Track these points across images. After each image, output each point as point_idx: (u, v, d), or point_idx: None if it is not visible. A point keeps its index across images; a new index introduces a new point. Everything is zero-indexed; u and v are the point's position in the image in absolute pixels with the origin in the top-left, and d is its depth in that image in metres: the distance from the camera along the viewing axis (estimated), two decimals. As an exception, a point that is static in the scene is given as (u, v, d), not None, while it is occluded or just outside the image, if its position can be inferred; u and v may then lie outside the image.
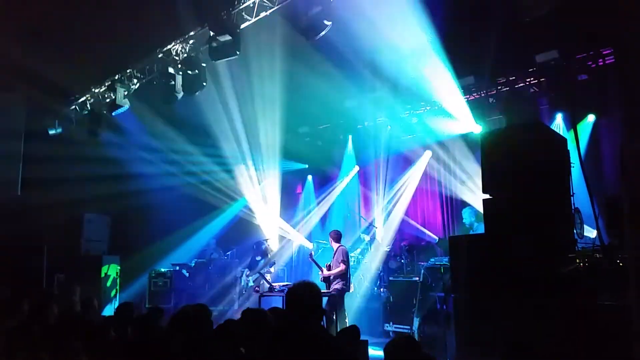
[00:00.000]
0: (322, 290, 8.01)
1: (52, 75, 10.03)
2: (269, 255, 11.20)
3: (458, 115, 10.32)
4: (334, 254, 8.55)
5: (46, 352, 4.00)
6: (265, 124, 12.09)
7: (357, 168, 13.03)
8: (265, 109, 11.51)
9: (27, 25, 8.83)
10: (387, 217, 12.05)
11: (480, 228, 8.82)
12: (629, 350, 3.26)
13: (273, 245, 12.81)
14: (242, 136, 12.24)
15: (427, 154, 11.72)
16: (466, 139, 10.80)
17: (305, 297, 2.94)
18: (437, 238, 11.14)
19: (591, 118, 9.30)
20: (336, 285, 8.20)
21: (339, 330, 7.73)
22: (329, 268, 8.42)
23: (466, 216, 9.38)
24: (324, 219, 13.24)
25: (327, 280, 8.31)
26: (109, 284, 11.72)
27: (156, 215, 11.99)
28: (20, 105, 11.42)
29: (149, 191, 12.07)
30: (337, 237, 8.70)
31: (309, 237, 12.91)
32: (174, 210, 11.98)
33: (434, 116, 11.08)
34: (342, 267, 8.27)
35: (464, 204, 10.19)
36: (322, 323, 3.02)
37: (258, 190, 13.67)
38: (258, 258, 10.45)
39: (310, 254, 8.87)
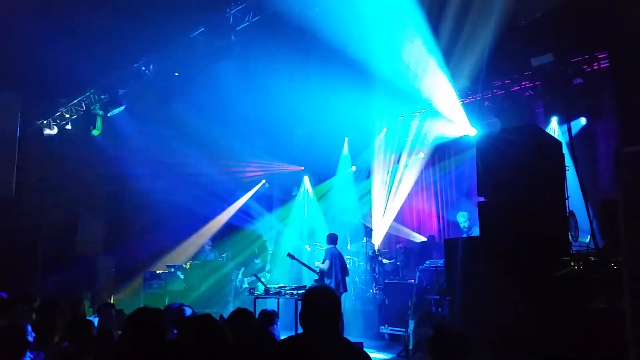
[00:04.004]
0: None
1: (47, 76, 9.99)
2: (265, 257, 11.18)
3: (454, 118, 10.35)
4: None
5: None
6: (261, 125, 12.08)
7: (353, 169, 13.03)
8: (261, 110, 11.48)
9: (21, 24, 8.79)
10: (383, 219, 12.03)
11: (476, 231, 8.86)
12: (623, 355, 3.26)
13: (269, 247, 12.79)
14: (239, 138, 12.21)
15: (422, 157, 11.75)
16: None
17: (326, 302, 2.76)
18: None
19: (583, 121, 9.35)
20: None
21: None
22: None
23: (462, 220, 9.44)
24: (319, 221, 13.21)
25: (320, 281, 8.33)
26: (103, 285, 11.67)
27: (151, 217, 11.93)
28: (15, 105, 11.37)
29: (145, 192, 12.02)
30: (329, 239, 8.77)
31: (305, 239, 12.88)
32: (169, 212, 11.93)
33: (429, 119, 11.11)
34: (322, 265, 8.34)
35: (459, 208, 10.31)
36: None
37: (255, 192, 13.67)
38: (256, 260, 10.41)
39: (288, 253, 8.90)
